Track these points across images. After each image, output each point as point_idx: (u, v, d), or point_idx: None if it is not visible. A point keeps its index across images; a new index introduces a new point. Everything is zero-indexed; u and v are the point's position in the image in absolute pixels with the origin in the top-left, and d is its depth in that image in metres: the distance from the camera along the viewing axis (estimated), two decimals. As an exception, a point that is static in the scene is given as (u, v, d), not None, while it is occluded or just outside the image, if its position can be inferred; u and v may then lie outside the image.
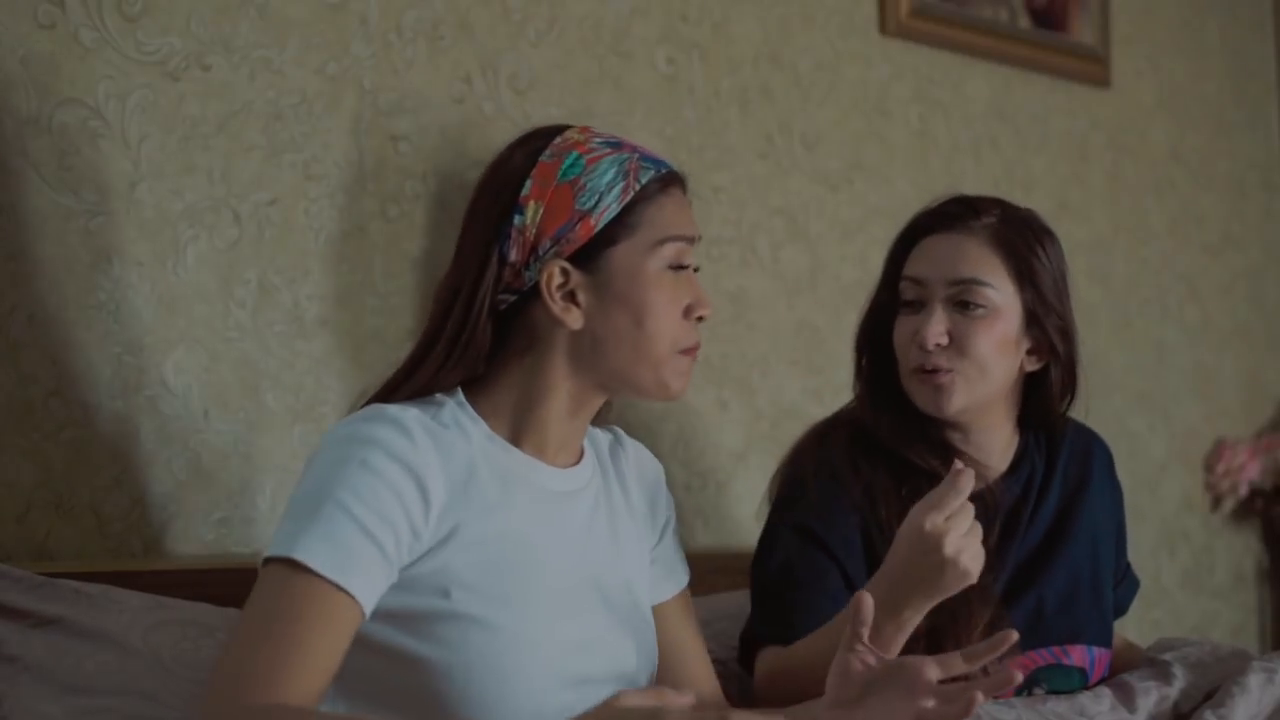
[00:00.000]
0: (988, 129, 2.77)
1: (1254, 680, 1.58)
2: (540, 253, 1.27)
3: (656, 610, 1.45)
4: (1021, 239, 1.62)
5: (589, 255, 1.29)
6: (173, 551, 1.75)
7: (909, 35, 2.61)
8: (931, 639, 1.51)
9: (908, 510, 1.52)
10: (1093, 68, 2.95)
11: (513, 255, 1.27)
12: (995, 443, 1.66)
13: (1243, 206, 3.33)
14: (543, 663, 1.25)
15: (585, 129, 1.34)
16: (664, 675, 1.44)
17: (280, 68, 1.86)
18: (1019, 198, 1.82)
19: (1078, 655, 1.63)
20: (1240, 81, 3.35)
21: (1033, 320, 1.62)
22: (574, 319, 1.28)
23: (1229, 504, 3.21)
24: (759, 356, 2.37)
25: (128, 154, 1.73)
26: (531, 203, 1.28)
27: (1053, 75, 2.88)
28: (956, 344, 1.59)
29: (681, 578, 1.49)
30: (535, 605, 1.26)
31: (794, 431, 2.36)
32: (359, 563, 1.18)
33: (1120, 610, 1.78)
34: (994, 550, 1.59)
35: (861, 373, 1.71)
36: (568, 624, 1.29)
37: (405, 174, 1.97)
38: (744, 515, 2.32)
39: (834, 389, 2.45)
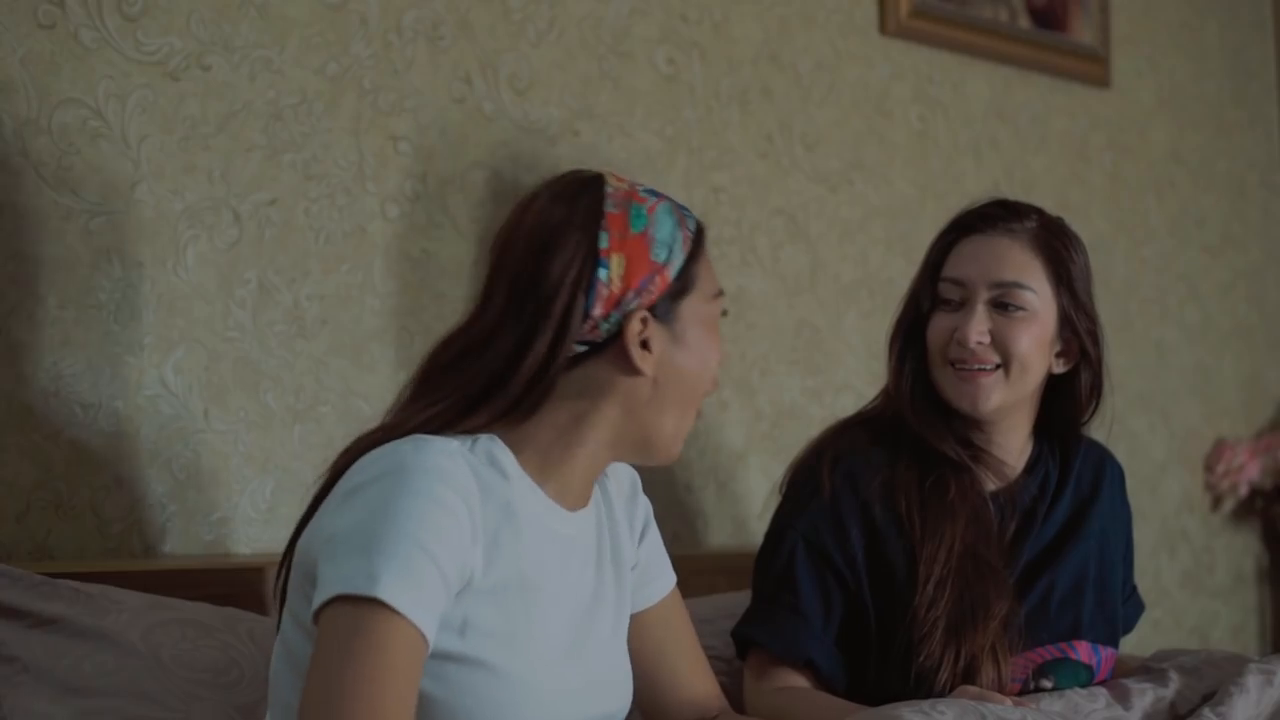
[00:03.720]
0: (988, 129, 2.77)
1: (1252, 681, 1.58)
2: (624, 305, 1.27)
3: (647, 614, 1.44)
4: (1060, 243, 1.66)
5: (664, 306, 1.30)
6: (173, 551, 1.75)
7: (909, 35, 2.61)
8: (950, 632, 1.53)
9: (928, 502, 1.53)
10: (1093, 68, 2.95)
11: (597, 309, 1.26)
12: (1013, 443, 1.69)
13: (1243, 206, 3.33)
14: (544, 708, 1.24)
15: (616, 175, 1.35)
16: (662, 678, 1.45)
17: (280, 68, 1.86)
18: (1019, 198, 1.82)
19: (1084, 651, 1.64)
20: (1240, 81, 3.35)
21: (1065, 323, 1.66)
22: (649, 366, 1.29)
23: (1229, 504, 3.21)
24: (759, 356, 2.37)
25: (128, 154, 1.73)
26: (614, 255, 1.27)
27: (1053, 75, 2.88)
28: (998, 344, 1.62)
29: (668, 579, 1.48)
30: (541, 651, 1.25)
31: (794, 431, 2.37)
32: (432, 598, 1.15)
33: (1125, 630, 1.79)
34: (1009, 546, 1.62)
35: (895, 366, 1.72)
36: (568, 669, 1.28)
37: (405, 174, 1.97)
38: (745, 515, 2.32)
39: (834, 389, 2.45)
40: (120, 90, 1.73)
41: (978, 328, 1.62)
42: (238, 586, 1.67)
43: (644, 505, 1.46)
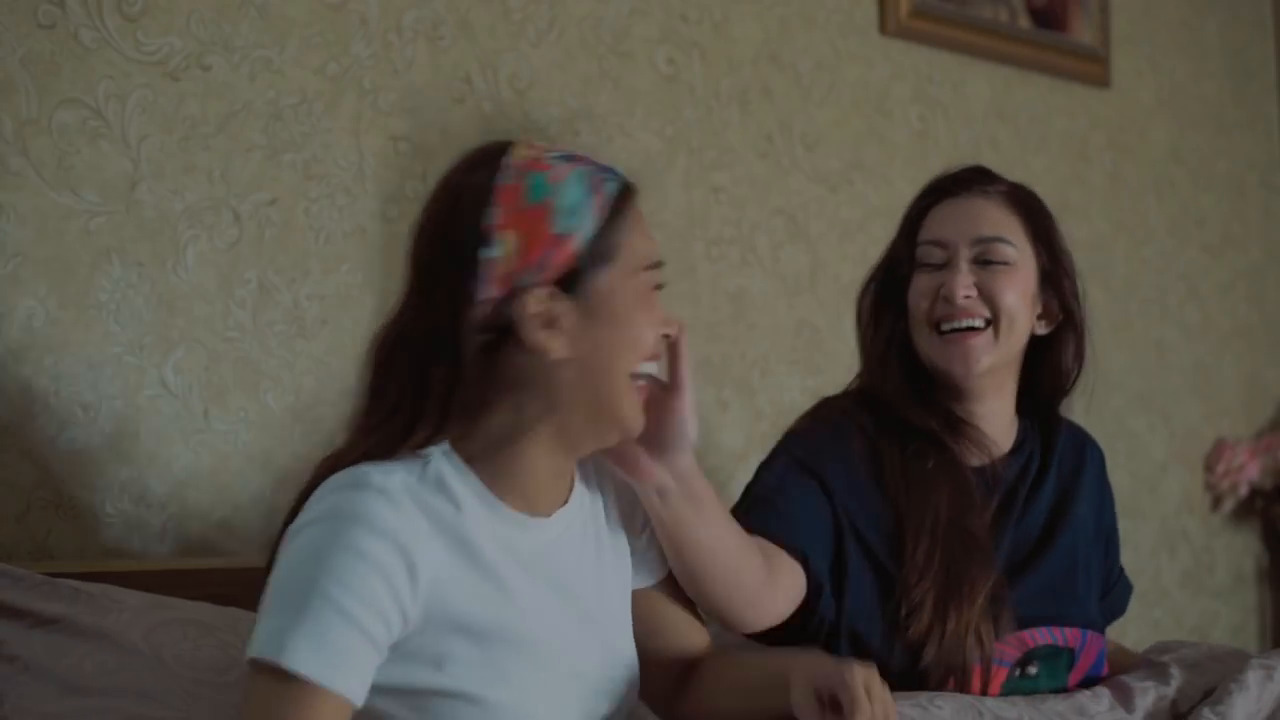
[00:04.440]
0: (988, 129, 2.77)
1: (1252, 678, 1.58)
2: (519, 284, 1.18)
3: (648, 590, 1.41)
4: (1035, 203, 1.68)
5: (572, 280, 1.20)
6: (173, 551, 1.75)
7: (909, 35, 2.61)
8: (937, 608, 1.53)
9: (910, 471, 1.55)
10: (1093, 68, 2.95)
11: (488, 292, 1.18)
12: (998, 416, 1.68)
13: (1243, 206, 3.33)
14: None
15: (530, 143, 1.26)
16: (668, 645, 1.41)
17: (280, 68, 1.86)
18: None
19: (1072, 636, 1.64)
20: (1240, 81, 3.35)
21: (1046, 279, 1.66)
22: (558, 347, 1.19)
23: (1229, 504, 3.21)
24: (759, 356, 2.37)
25: (128, 154, 1.73)
26: (502, 232, 1.19)
27: (1053, 75, 2.88)
28: (985, 298, 1.62)
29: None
30: (527, 677, 1.21)
31: (794, 431, 2.37)
32: (350, 660, 1.12)
33: (1117, 612, 1.79)
34: (990, 525, 1.61)
35: (868, 334, 1.71)
36: (557, 691, 1.24)
37: (405, 174, 1.97)
38: (744, 515, 2.32)
39: (834, 389, 2.44)
40: (120, 90, 1.73)
41: (964, 281, 1.61)
42: (238, 586, 1.66)
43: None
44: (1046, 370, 1.70)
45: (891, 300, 1.68)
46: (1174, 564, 3.09)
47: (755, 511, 1.58)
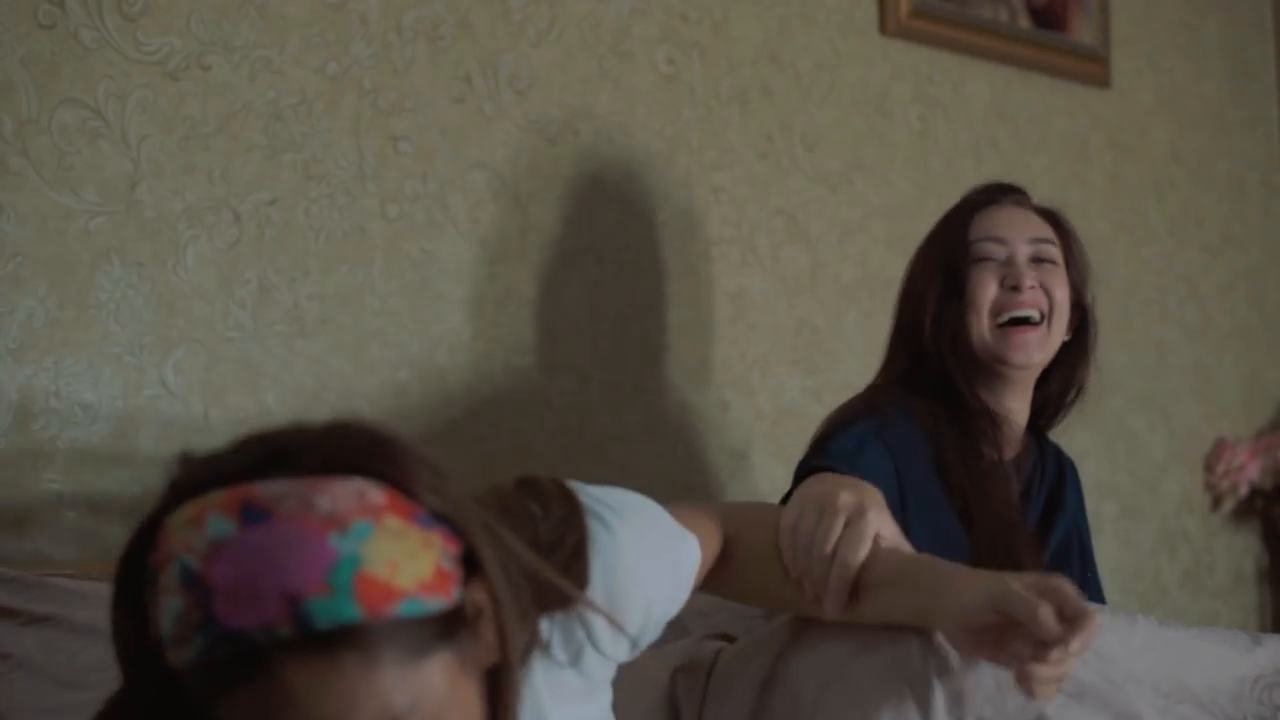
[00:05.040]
0: (988, 129, 2.77)
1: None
2: None
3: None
4: (1068, 224, 1.80)
5: None
6: (173, 551, 1.74)
7: (909, 35, 2.61)
8: None
9: (968, 460, 1.60)
10: (1093, 68, 2.95)
11: None
12: (1021, 416, 1.76)
13: (1243, 206, 3.33)
14: None
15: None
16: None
17: (280, 68, 1.86)
18: (1019, 197, 1.84)
19: None
20: (1240, 81, 3.35)
21: (1071, 288, 1.76)
22: None
23: (1229, 504, 3.21)
24: (759, 356, 2.37)
25: (128, 154, 1.73)
26: None
27: (1053, 75, 2.88)
28: (1045, 290, 1.71)
29: (680, 604, 1.25)
30: None
31: (794, 431, 2.37)
32: None
33: None
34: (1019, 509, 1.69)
35: (934, 319, 1.72)
36: None
37: (405, 174, 1.97)
38: (744, 515, 2.32)
39: (834, 389, 2.45)
40: (120, 90, 1.73)
41: (1030, 273, 1.70)
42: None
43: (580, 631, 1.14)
44: (1055, 381, 1.79)
45: (952, 292, 1.73)
46: (1174, 564, 3.08)
47: (835, 466, 1.56)
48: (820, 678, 1.23)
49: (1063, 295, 1.72)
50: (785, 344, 2.41)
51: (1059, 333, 1.73)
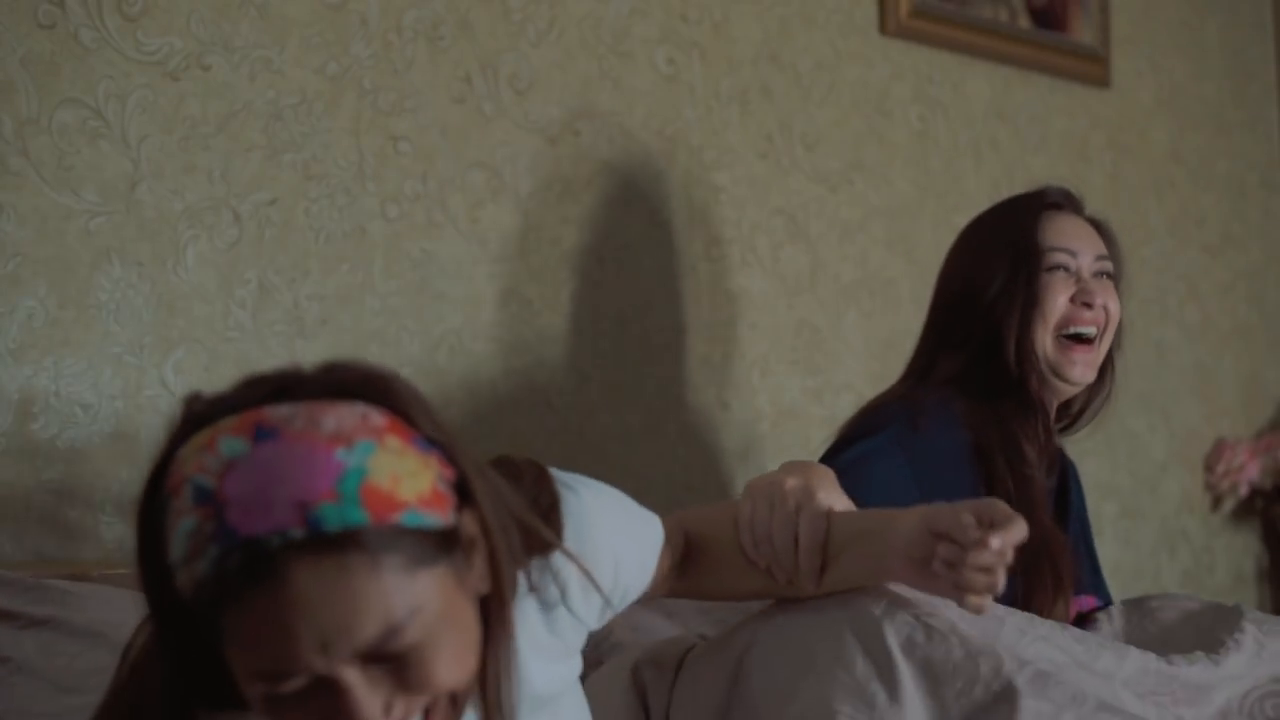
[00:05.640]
0: (988, 129, 2.77)
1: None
2: None
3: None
4: (1113, 233, 1.83)
5: None
6: (173, 551, 1.74)
7: (909, 35, 2.61)
8: (1027, 603, 1.55)
9: (1009, 452, 1.59)
10: (1093, 68, 2.95)
11: None
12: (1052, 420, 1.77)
13: (1243, 206, 3.33)
14: None
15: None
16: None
17: (280, 68, 1.86)
18: (1019, 198, 1.84)
19: (1091, 605, 1.68)
20: (1240, 81, 3.35)
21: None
22: None
23: (1229, 504, 3.21)
24: (759, 356, 2.37)
25: (128, 154, 1.73)
26: None
27: (1053, 75, 2.88)
28: (1104, 308, 1.74)
29: (646, 582, 1.27)
30: None
31: (794, 431, 2.37)
32: None
33: None
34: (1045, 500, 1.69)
35: (1006, 325, 1.70)
36: None
37: (405, 174, 1.97)
38: (744, 515, 2.32)
39: (834, 389, 2.45)
40: (120, 90, 1.73)
41: (1104, 291, 1.73)
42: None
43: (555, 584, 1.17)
44: (1081, 391, 1.81)
45: (1023, 297, 1.70)
46: (1174, 564, 3.08)
47: (844, 475, 1.57)
48: (786, 657, 1.24)
49: (1116, 313, 1.75)
50: (785, 344, 2.41)
51: (1105, 348, 1.75)
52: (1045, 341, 1.69)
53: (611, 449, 2.17)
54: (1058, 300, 1.70)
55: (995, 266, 1.71)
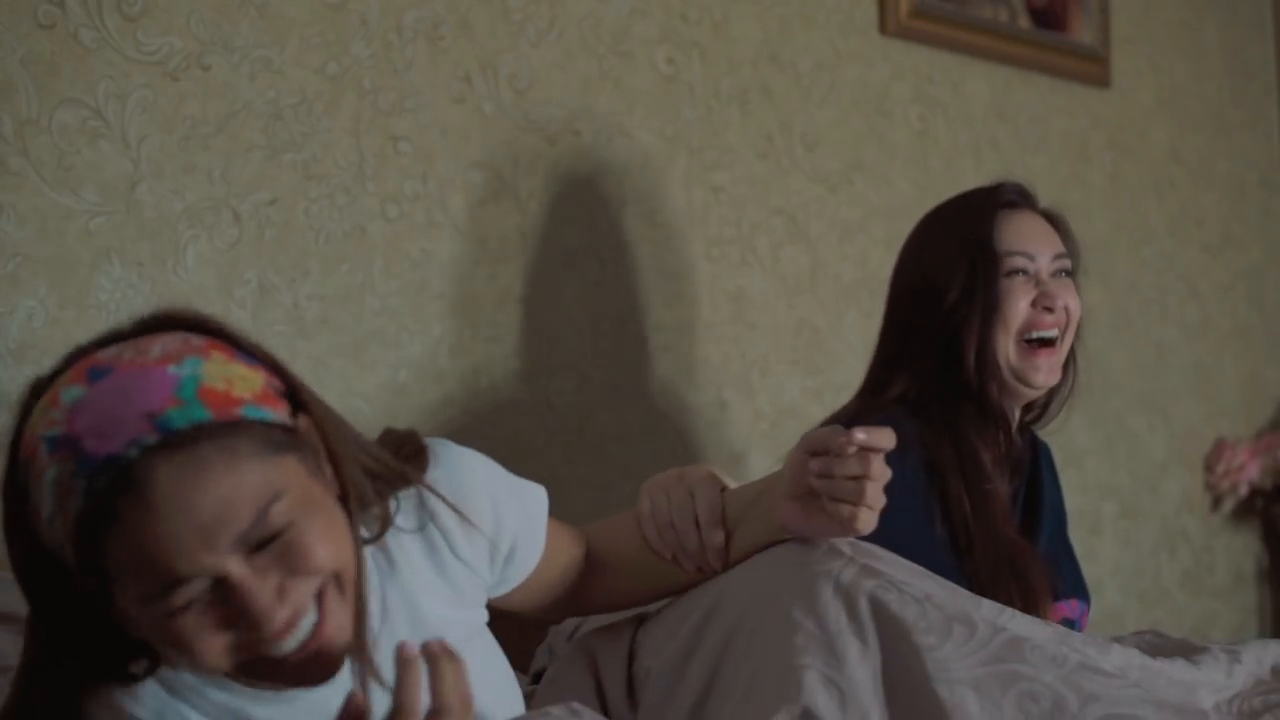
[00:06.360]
0: (988, 129, 2.77)
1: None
2: None
3: (532, 576, 1.32)
4: (1067, 226, 1.79)
5: None
6: (173, 551, 1.74)
7: (909, 35, 2.61)
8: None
9: (966, 468, 1.59)
10: (1093, 68, 2.95)
11: None
12: (1015, 421, 1.76)
13: (1243, 206, 3.33)
14: None
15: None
16: (558, 590, 1.38)
17: (280, 68, 1.86)
18: (1019, 198, 1.84)
19: (1074, 609, 1.67)
20: (1240, 81, 3.35)
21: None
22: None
23: (1229, 504, 3.21)
24: (759, 356, 2.37)
25: (128, 154, 1.73)
26: None
27: (1053, 75, 2.88)
28: (1068, 309, 1.71)
29: (538, 544, 1.31)
30: None
31: (794, 431, 2.37)
32: None
33: None
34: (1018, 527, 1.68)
35: (966, 337, 1.68)
36: None
37: (405, 174, 1.97)
38: (744, 515, 2.32)
39: (834, 389, 2.45)
40: (120, 90, 1.73)
41: (1063, 291, 1.70)
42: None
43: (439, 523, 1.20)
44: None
45: (981, 303, 1.69)
46: (1174, 564, 3.09)
47: None
48: (754, 610, 1.26)
49: (1077, 310, 1.71)
50: (785, 344, 2.41)
51: (1068, 347, 1.73)
52: (1007, 348, 1.68)
53: (611, 449, 2.17)
54: (1018, 306, 1.68)
55: (953, 269, 1.69)
